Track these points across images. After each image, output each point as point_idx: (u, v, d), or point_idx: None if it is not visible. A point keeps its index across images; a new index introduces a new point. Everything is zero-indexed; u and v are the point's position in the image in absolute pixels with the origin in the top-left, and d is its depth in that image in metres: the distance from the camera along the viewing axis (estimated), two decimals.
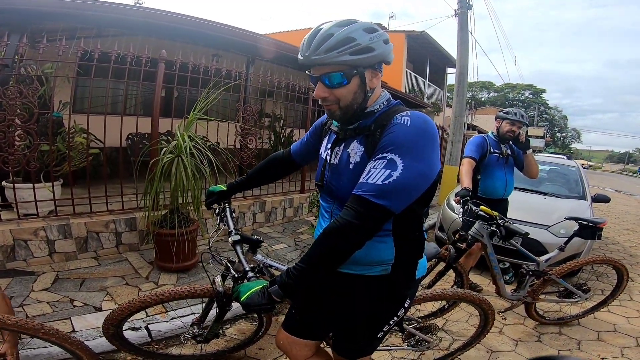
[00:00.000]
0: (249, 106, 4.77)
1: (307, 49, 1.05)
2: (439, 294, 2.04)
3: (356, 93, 1.09)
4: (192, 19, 4.58)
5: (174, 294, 1.67)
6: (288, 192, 5.65)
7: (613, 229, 7.76)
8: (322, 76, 1.07)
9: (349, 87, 1.07)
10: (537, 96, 54.96)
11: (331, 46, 1.02)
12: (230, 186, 1.64)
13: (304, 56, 1.06)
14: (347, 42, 1.02)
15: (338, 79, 1.06)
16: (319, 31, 1.05)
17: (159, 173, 3.12)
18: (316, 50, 1.03)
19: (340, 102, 1.10)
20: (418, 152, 0.99)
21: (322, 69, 1.07)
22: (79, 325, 2.40)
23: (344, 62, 1.03)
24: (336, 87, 1.07)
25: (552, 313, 3.18)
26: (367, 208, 0.96)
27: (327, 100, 1.11)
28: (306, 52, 1.05)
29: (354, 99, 1.09)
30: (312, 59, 1.04)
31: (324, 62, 1.04)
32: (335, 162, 1.18)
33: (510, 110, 3.14)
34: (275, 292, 1.00)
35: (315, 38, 1.05)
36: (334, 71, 1.05)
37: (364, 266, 1.13)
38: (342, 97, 1.09)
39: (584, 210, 4.44)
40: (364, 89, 1.09)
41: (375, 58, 1.06)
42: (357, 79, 1.07)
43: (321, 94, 1.10)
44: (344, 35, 1.02)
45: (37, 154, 3.27)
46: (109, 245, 3.58)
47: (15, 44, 3.27)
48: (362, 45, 1.03)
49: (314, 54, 1.04)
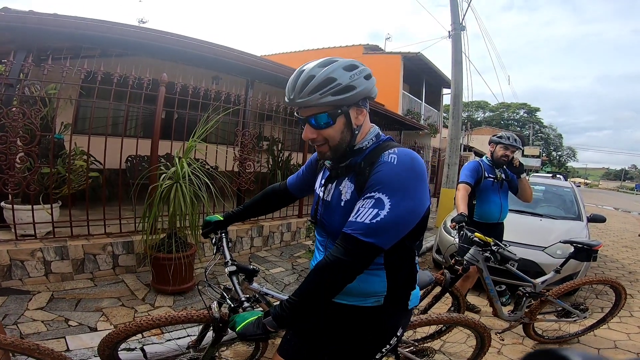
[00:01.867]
0: (248, 131, 4.83)
1: (292, 91, 1.08)
2: (434, 319, 2.04)
3: (343, 132, 1.12)
4: (192, 41, 4.70)
5: (170, 319, 1.67)
6: (286, 216, 5.67)
7: (612, 246, 7.76)
8: (309, 118, 1.10)
9: (336, 127, 1.10)
10: (531, 115, 55.71)
11: (313, 88, 1.05)
12: (227, 216, 1.66)
13: (289, 99, 1.10)
14: (329, 82, 1.05)
15: (324, 120, 1.09)
16: (301, 73, 1.08)
17: (157, 199, 3.15)
18: (300, 92, 1.06)
19: (329, 142, 1.12)
20: (405, 190, 1.01)
21: (307, 111, 1.10)
22: (74, 344, 2.40)
23: (327, 102, 1.06)
24: (323, 128, 1.10)
25: (551, 332, 3.18)
26: (356, 246, 0.99)
27: (316, 141, 1.14)
28: (291, 95, 1.09)
29: (342, 138, 1.12)
30: (297, 102, 1.08)
31: (309, 104, 1.07)
32: (328, 199, 1.21)
33: (504, 135, 3.20)
34: (270, 323, 1.03)
35: (298, 81, 1.07)
36: (319, 112, 1.08)
37: (356, 297, 1.15)
38: (330, 137, 1.11)
39: (580, 231, 4.47)
40: (350, 127, 1.12)
41: (357, 96, 1.08)
42: (343, 118, 1.10)
43: (309, 135, 1.13)
44: (324, 76, 1.05)
45: (37, 177, 3.30)
46: (106, 267, 3.57)
47: (20, 63, 3.32)
48: (343, 85, 1.05)
49: (298, 97, 1.07)
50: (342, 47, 14.34)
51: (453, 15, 8.63)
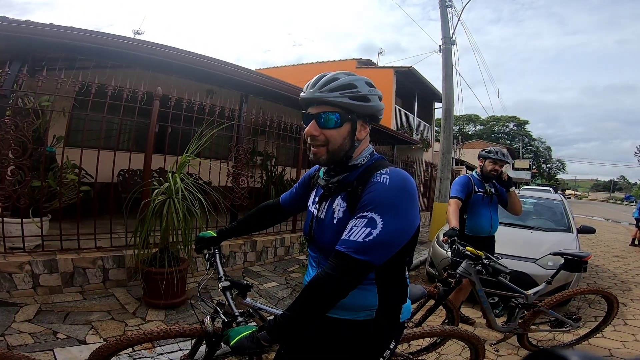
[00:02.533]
0: (242, 146, 4.85)
1: (313, 86, 1.14)
2: (428, 332, 2.05)
3: (345, 139, 1.15)
4: (187, 54, 4.72)
5: (162, 333, 1.65)
6: (280, 231, 5.65)
7: (603, 257, 7.85)
8: (319, 114, 1.13)
9: (341, 130, 1.14)
10: (521, 128, 56.65)
11: (335, 87, 1.11)
12: (220, 232, 1.67)
13: (308, 92, 1.14)
14: (350, 87, 1.11)
15: (333, 119, 1.12)
16: (325, 75, 1.14)
17: (150, 214, 3.14)
18: (321, 88, 1.12)
19: (329, 144, 1.14)
20: (397, 210, 1.04)
21: (320, 108, 1.14)
22: (62, 357, 2.37)
23: (344, 103, 1.11)
24: (329, 128, 1.13)
25: (546, 342, 3.19)
26: (349, 263, 1.01)
27: (317, 140, 1.15)
28: (311, 89, 1.14)
29: (342, 144, 1.15)
30: (315, 95, 1.12)
31: (326, 100, 1.11)
32: (322, 217, 1.23)
33: (492, 150, 3.28)
34: (264, 338, 1.04)
35: (322, 79, 1.13)
36: (330, 111, 1.12)
37: (349, 311, 1.16)
38: (332, 139, 1.14)
39: (570, 242, 4.52)
40: (352, 137, 1.16)
41: (369, 109, 1.14)
42: (349, 125, 1.14)
43: (313, 131, 1.14)
44: (348, 80, 1.12)
45: (27, 190, 3.27)
46: (96, 280, 3.52)
47: (15, 73, 3.31)
48: (361, 94, 1.12)
49: (318, 91, 1.12)
50: (336, 62, 14.53)
51: (443, 29, 8.85)
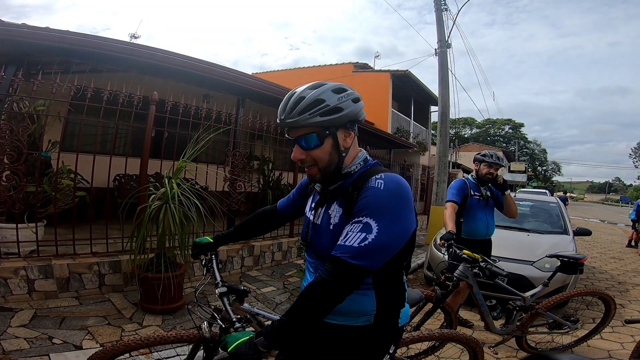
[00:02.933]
0: (238, 151, 4.83)
1: (283, 112, 1.13)
2: (426, 335, 2.04)
3: (331, 154, 1.15)
4: (183, 58, 4.72)
5: (159, 338, 1.64)
6: (277, 236, 5.64)
7: (600, 258, 7.89)
8: (298, 138, 1.14)
9: (324, 148, 1.14)
10: (516, 131, 56.95)
11: (303, 109, 1.09)
12: (217, 238, 1.66)
13: (281, 120, 1.13)
14: (317, 104, 1.09)
15: (313, 141, 1.12)
16: (292, 95, 1.13)
17: (146, 219, 3.12)
18: (290, 113, 1.11)
19: (318, 164, 1.15)
20: (392, 214, 1.04)
21: (297, 132, 1.14)
22: None
23: (315, 123, 1.10)
24: (312, 149, 1.14)
25: (545, 344, 3.19)
26: (345, 268, 1.01)
27: (306, 162, 1.17)
28: (282, 116, 1.13)
29: (330, 160, 1.15)
30: (287, 122, 1.11)
31: (298, 125, 1.11)
32: (318, 222, 1.23)
33: (487, 153, 3.30)
34: (262, 343, 1.03)
35: (289, 102, 1.12)
36: (308, 133, 1.12)
37: (347, 317, 1.16)
38: (319, 158, 1.15)
39: (567, 244, 4.54)
40: (338, 149, 1.15)
41: (344, 117, 1.12)
42: (331, 140, 1.14)
43: (298, 155, 1.16)
44: (313, 97, 1.09)
45: (22, 195, 3.24)
46: (92, 285, 3.49)
47: (10, 78, 3.29)
48: (331, 106, 1.10)
49: (288, 117, 1.11)
50: (332, 65, 14.59)
51: (439, 33, 8.89)
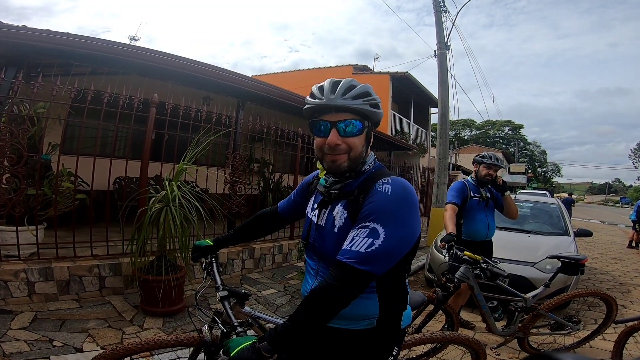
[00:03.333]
0: (239, 153, 4.83)
1: (332, 92, 1.09)
2: (428, 338, 2.03)
3: (363, 145, 1.16)
4: (183, 60, 4.72)
5: (160, 342, 1.63)
6: (277, 238, 5.63)
7: (600, 259, 7.88)
8: (340, 123, 1.10)
9: (361, 137, 1.14)
10: (516, 132, 56.99)
11: (357, 94, 1.09)
12: (217, 240, 1.65)
13: (328, 99, 1.09)
14: (368, 94, 1.11)
15: (355, 127, 1.11)
16: (339, 81, 1.11)
17: (146, 222, 3.12)
18: (343, 95, 1.08)
19: (351, 151, 1.13)
20: (399, 220, 1.04)
21: (340, 115, 1.10)
22: None
23: (366, 111, 1.10)
24: (350, 136, 1.11)
25: (547, 345, 3.19)
26: (351, 273, 1.01)
27: (338, 149, 1.12)
28: (330, 95, 1.09)
29: (361, 151, 1.15)
30: (337, 102, 1.08)
31: (349, 107, 1.09)
32: (322, 224, 1.21)
33: (486, 155, 3.31)
34: (265, 348, 1.02)
35: (339, 85, 1.10)
36: (354, 119, 1.11)
37: (350, 321, 1.15)
38: (354, 146, 1.12)
39: (568, 245, 4.53)
40: (368, 143, 1.18)
41: (380, 116, 1.15)
42: (365, 132, 1.15)
43: (336, 140, 1.10)
44: (364, 89, 1.11)
45: (22, 198, 3.24)
46: (92, 288, 3.48)
47: (10, 80, 3.29)
48: (376, 101, 1.13)
49: (340, 98, 1.08)
50: (332, 67, 14.61)
51: (438, 34, 8.91)
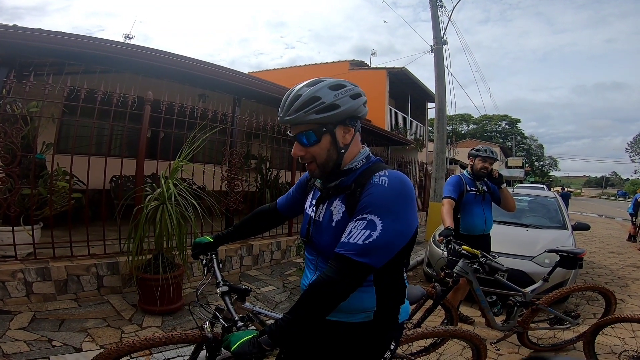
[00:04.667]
0: (236, 150, 4.80)
1: (282, 110, 1.14)
2: (430, 332, 2.03)
3: (329, 150, 1.15)
4: (178, 58, 4.67)
5: (164, 339, 1.63)
6: (276, 235, 5.62)
7: (598, 253, 7.91)
8: (298, 135, 1.16)
9: (322, 144, 1.14)
10: (513, 126, 57.17)
11: (299, 106, 1.10)
12: (217, 237, 1.66)
13: (280, 117, 1.15)
14: (313, 101, 1.09)
15: (310, 137, 1.13)
16: (291, 93, 1.14)
17: (143, 220, 3.09)
18: (288, 110, 1.12)
19: (316, 159, 1.16)
20: (396, 212, 1.04)
21: (296, 129, 1.15)
22: None
23: (312, 120, 1.10)
24: (310, 145, 1.14)
25: (547, 340, 3.19)
26: (349, 266, 1.01)
27: (305, 159, 1.18)
28: (280, 113, 1.15)
29: (329, 156, 1.15)
30: (285, 119, 1.13)
31: (295, 122, 1.12)
32: (319, 219, 1.22)
33: (481, 148, 3.31)
34: (265, 342, 1.03)
35: (287, 99, 1.13)
36: (306, 130, 1.13)
37: (346, 314, 1.15)
38: (317, 155, 1.15)
39: (566, 239, 4.54)
40: (336, 146, 1.15)
41: (342, 114, 1.12)
42: (328, 137, 1.13)
43: (298, 152, 1.17)
44: (309, 95, 1.10)
45: (17, 198, 3.20)
46: (90, 287, 3.46)
47: (2, 79, 3.25)
48: (326, 104, 1.09)
49: (286, 115, 1.12)
50: (328, 64, 14.57)
51: (435, 30, 8.89)
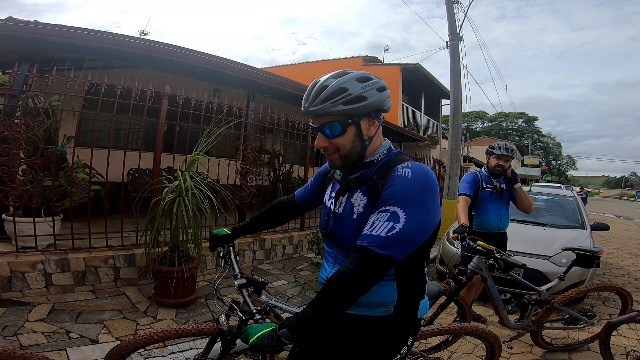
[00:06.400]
0: (249, 144, 4.84)
1: (307, 100, 1.13)
2: (445, 329, 2.02)
3: (354, 142, 1.14)
4: (193, 53, 4.72)
5: (180, 331, 1.65)
6: (288, 229, 5.65)
7: (616, 254, 7.74)
8: (322, 126, 1.14)
9: (346, 136, 1.13)
10: (529, 124, 56.00)
11: (326, 97, 1.09)
12: (234, 229, 1.66)
13: (304, 108, 1.14)
14: (340, 92, 1.08)
15: (335, 129, 1.12)
16: (316, 83, 1.12)
17: (160, 212, 3.14)
18: (313, 101, 1.11)
19: (339, 151, 1.15)
20: (419, 204, 1.03)
21: (320, 120, 1.14)
22: (75, 357, 2.38)
23: (338, 111, 1.09)
24: (334, 137, 1.13)
25: (560, 340, 3.14)
26: (372, 258, 1.00)
27: (328, 150, 1.16)
28: (305, 104, 1.13)
29: (352, 148, 1.14)
30: (310, 110, 1.12)
31: (321, 113, 1.11)
32: (340, 212, 1.21)
33: (496, 145, 3.24)
34: (285, 335, 1.03)
35: (312, 90, 1.12)
36: (331, 121, 1.12)
37: (366, 307, 1.14)
38: (341, 146, 1.14)
39: (584, 239, 4.45)
40: (361, 137, 1.14)
41: (368, 107, 1.11)
42: (353, 128, 1.13)
43: (321, 143, 1.16)
44: (337, 86, 1.09)
45: (39, 189, 3.29)
46: (107, 279, 3.54)
47: (24, 73, 3.32)
48: (354, 95, 1.08)
49: (311, 106, 1.11)
50: (341, 59, 14.51)
51: (450, 25, 8.76)
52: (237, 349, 1.63)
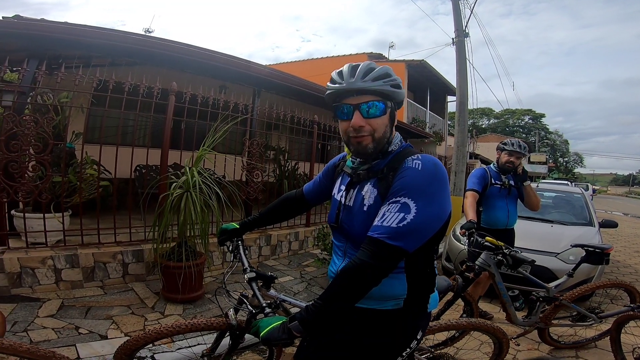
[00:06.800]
0: (256, 140, 4.84)
1: (352, 76, 1.10)
2: (453, 324, 2.02)
3: (387, 127, 1.15)
4: (200, 50, 4.74)
5: (189, 326, 1.66)
6: (294, 225, 5.66)
7: (624, 252, 7.68)
8: (362, 105, 1.11)
9: (384, 118, 1.14)
10: (536, 121, 55.44)
11: (377, 76, 1.10)
12: (243, 224, 1.67)
13: (348, 82, 1.10)
14: (388, 75, 1.11)
15: (377, 109, 1.11)
16: (357, 65, 1.12)
17: (168, 208, 3.16)
18: (363, 77, 1.09)
19: (375, 133, 1.13)
20: (430, 195, 1.03)
21: (362, 98, 1.11)
22: (84, 352, 2.39)
23: (387, 91, 1.10)
24: (373, 117, 1.11)
25: (567, 337, 3.12)
26: (383, 249, 1.00)
27: (363, 131, 1.12)
28: (350, 79, 1.10)
29: (384, 133, 1.15)
30: (358, 85, 1.09)
31: (370, 89, 1.09)
32: (350, 204, 1.21)
33: (508, 142, 3.21)
34: (296, 328, 1.03)
35: (359, 68, 1.11)
36: (374, 100, 1.10)
37: (376, 301, 1.15)
38: (378, 127, 1.13)
39: (592, 236, 4.42)
40: (392, 124, 1.17)
41: (402, 96, 1.15)
42: (388, 113, 1.15)
43: (359, 122, 1.11)
44: (384, 70, 1.12)
45: (48, 185, 3.32)
46: (116, 275, 3.57)
47: (33, 71, 3.35)
48: (397, 82, 1.12)
49: (360, 81, 1.09)
50: (346, 56, 14.45)
51: (456, 22, 8.68)
52: (245, 343, 1.63)
